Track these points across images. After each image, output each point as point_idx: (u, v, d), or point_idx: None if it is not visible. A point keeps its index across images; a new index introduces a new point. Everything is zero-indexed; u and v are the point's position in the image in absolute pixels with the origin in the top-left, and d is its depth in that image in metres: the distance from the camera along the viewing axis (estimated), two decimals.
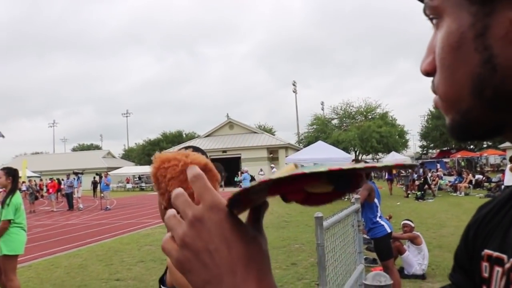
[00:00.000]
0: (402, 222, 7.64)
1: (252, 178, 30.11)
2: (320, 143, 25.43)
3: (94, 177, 33.81)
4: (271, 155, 42.79)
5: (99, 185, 25.91)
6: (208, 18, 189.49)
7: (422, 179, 21.38)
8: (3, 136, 46.04)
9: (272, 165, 30.24)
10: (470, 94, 0.49)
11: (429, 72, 0.54)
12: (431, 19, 0.54)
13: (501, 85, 0.47)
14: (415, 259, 6.94)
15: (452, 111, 0.53)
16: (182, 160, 1.04)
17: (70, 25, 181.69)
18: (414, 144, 78.23)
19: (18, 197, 5.85)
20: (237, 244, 0.50)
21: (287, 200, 0.50)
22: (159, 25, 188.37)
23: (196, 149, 2.39)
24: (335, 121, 55.60)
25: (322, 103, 66.67)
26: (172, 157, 1.06)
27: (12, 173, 5.93)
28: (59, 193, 27.33)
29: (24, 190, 27.34)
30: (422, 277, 6.72)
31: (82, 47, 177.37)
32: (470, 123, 0.51)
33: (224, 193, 0.44)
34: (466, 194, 21.03)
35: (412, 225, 7.44)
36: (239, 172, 24.19)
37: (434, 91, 0.55)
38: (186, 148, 2.06)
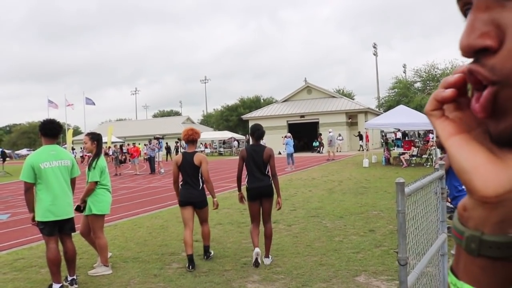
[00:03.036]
0: None
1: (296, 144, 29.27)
2: (401, 107, 24.49)
3: (167, 143, 34.96)
4: (350, 119, 42.03)
5: (178, 149, 26.68)
6: None
7: None
8: (94, 104, 48.78)
9: (330, 130, 29.68)
10: None
11: (489, 48, 0.43)
12: None
13: None
14: None
15: None
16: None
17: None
18: None
19: (102, 160, 6.14)
20: None
21: None
22: None
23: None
24: (418, 84, 53.45)
25: (404, 66, 64.31)
26: None
27: (96, 138, 6.21)
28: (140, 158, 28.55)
29: (110, 155, 28.90)
30: None
31: (166, 18, 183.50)
32: None
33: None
34: None
35: None
36: (283, 137, 23.98)
37: (488, 78, 0.44)
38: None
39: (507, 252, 0.46)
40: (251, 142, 6.79)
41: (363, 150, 38.22)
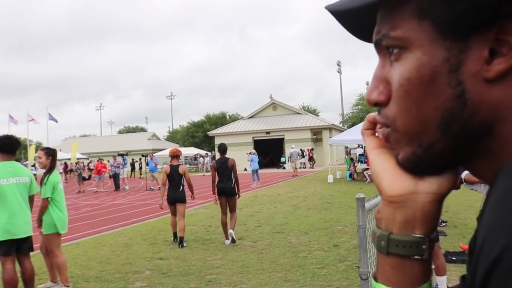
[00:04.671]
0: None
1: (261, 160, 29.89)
2: None
3: (133, 159, 34.43)
4: (315, 136, 42.47)
5: (146, 166, 26.41)
6: (258, 1, 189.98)
7: None
8: (56, 121, 47.72)
9: (293, 146, 30.15)
10: (437, 127, 0.50)
11: (380, 103, 0.55)
12: (386, 48, 0.53)
13: (469, 120, 0.48)
14: None
15: (413, 145, 0.52)
16: None
17: (126, 15, 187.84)
18: None
19: (55, 176, 5.84)
20: None
21: None
22: (211, 10, 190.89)
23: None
24: None
25: (367, 83, 65.56)
26: None
27: (51, 153, 5.94)
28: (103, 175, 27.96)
29: (74, 171, 28.26)
30: None
31: (136, 34, 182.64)
32: (432, 156, 0.52)
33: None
34: None
35: None
36: (247, 153, 24.48)
37: (383, 123, 0.56)
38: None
39: (412, 251, 0.54)
40: (217, 157, 9.12)
41: (304, 167, 38.71)
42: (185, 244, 8.40)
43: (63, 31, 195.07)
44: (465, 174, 6.28)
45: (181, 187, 8.74)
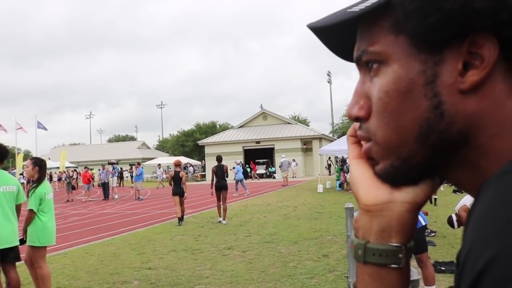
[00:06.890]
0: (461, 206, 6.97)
1: (245, 171, 30.23)
2: None
3: (121, 168, 34.23)
4: (305, 145, 42.56)
5: (132, 175, 26.28)
6: (254, 13, 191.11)
7: None
8: (45, 129, 47.37)
9: (283, 155, 30.39)
10: (415, 139, 0.51)
11: (361, 118, 0.56)
12: (366, 64, 0.55)
13: (447, 130, 0.49)
14: None
15: (391, 157, 0.54)
16: None
17: (123, 24, 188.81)
18: None
19: (43, 187, 5.67)
20: None
21: None
22: (207, 20, 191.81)
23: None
24: None
25: None
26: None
27: (39, 163, 5.76)
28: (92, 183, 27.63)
29: (63, 180, 28.02)
30: None
31: (131, 44, 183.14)
32: (410, 168, 0.53)
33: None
34: None
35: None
36: (232, 168, 24.90)
37: (364, 137, 0.57)
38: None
39: (389, 259, 0.55)
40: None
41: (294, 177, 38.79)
42: (183, 221, 12.53)
43: (58, 40, 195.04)
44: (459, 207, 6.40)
45: (181, 186, 12.81)
